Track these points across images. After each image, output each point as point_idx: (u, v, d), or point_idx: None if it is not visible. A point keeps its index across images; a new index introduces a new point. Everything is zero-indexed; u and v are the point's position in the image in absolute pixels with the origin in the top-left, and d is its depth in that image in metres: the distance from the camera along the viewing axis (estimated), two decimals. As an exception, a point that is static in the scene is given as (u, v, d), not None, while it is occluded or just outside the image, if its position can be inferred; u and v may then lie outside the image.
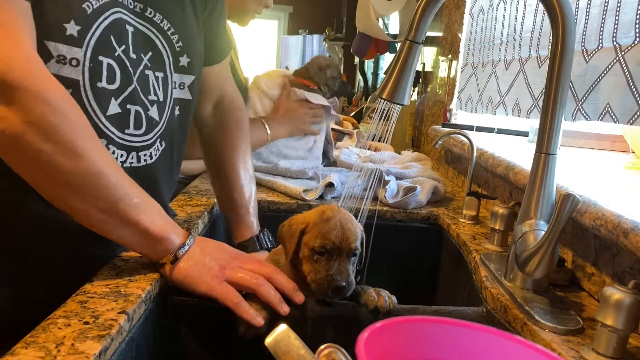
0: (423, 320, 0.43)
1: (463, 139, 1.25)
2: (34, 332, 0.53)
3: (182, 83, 0.82)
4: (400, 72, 0.76)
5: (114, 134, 0.72)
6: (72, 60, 0.65)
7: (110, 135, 0.71)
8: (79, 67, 0.66)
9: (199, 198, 1.11)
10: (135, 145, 0.75)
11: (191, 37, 0.82)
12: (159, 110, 0.77)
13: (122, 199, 0.62)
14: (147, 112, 0.75)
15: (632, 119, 0.73)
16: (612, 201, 0.71)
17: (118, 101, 0.71)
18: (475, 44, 1.53)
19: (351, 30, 4.68)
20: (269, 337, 0.41)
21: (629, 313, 0.54)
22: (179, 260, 0.68)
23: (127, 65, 0.71)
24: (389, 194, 1.18)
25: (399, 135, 2.06)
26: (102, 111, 0.70)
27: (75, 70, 0.65)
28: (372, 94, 2.55)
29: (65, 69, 0.64)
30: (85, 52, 0.66)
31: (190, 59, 0.82)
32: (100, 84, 0.68)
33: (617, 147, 1.38)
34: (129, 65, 0.71)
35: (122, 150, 0.73)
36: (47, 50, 0.63)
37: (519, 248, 0.72)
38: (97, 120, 0.69)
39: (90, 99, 0.68)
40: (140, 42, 0.73)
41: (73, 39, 0.64)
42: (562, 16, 0.69)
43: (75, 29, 0.64)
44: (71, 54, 0.64)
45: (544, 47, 1.05)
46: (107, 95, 0.69)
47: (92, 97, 0.68)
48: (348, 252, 0.72)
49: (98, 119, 0.69)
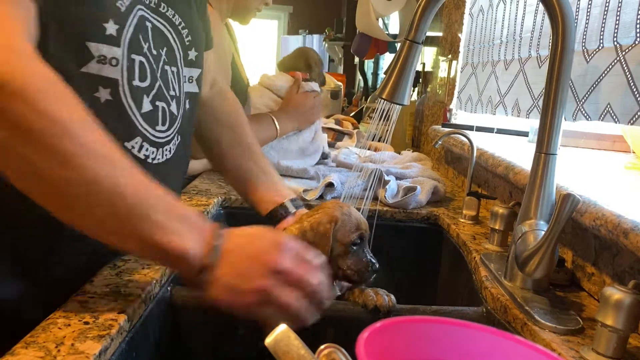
0: (423, 320, 0.43)
1: (463, 139, 1.25)
2: (34, 332, 0.53)
3: (190, 77, 0.82)
4: (400, 72, 0.76)
5: (148, 131, 0.72)
6: (112, 59, 0.64)
7: (145, 133, 0.71)
8: (118, 66, 0.65)
9: (199, 198, 1.11)
10: (161, 142, 0.75)
11: (197, 30, 0.83)
12: (177, 105, 0.78)
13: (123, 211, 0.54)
14: (170, 108, 0.76)
15: (633, 119, 0.73)
16: (612, 201, 0.71)
17: (149, 98, 0.71)
18: (475, 44, 1.53)
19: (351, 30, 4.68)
20: (269, 337, 0.41)
21: (629, 313, 0.54)
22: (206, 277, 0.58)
23: (152, 62, 0.71)
24: (389, 194, 1.18)
25: (399, 135, 2.06)
26: (138, 109, 0.69)
27: (115, 69, 0.65)
28: (372, 94, 2.55)
29: (105, 69, 0.64)
30: (123, 51, 0.66)
31: (198, 52, 0.83)
32: (135, 82, 0.68)
33: (617, 147, 1.38)
34: (153, 62, 0.71)
35: (153, 148, 0.73)
36: (88, 51, 0.62)
37: (519, 248, 0.72)
38: (134, 119, 0.69)
39: (128, 97, 0.67)
40: (158, 38, 0.73)
41: (112, 38, 0.64)
42: (562, 16, 0.69)
43: (114, 28, 0.64)
44: (111, 53, 0.64)
45: (544, 47, 1.05)
46: (141, 93, 0.69)
47: (129, 95, 0.67)
48: (369, 238, 0.79)
49: (135, 118, 0.69)
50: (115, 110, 0.66)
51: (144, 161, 0.72)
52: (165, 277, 0.73)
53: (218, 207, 1.11)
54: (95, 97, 0.64)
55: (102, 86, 0.64)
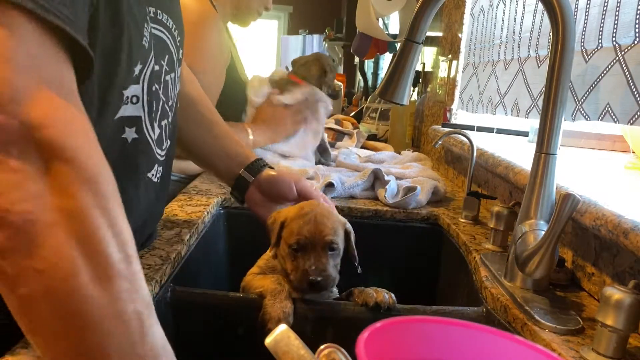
0: (423, 320, 0.43)
1: (463, 139, 1.25)
2: (34, 332, 0.53)
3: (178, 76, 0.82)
4: (400, 72, 0.76)
5: (159, 154, 0.72)
6: (134, 97, 0.63)
7: (159, 157, 0.71)
8: (139, 103, 0.64)
9: (199, 198, 1.11)
10: (164, 159, 0.75)
11: (183, 27, 0.82)
12: (173, 113, 0.77)
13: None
14: (169, 120, 0.75)
15: (632, 119, 0.73)
16: (612, 201, 0.71)
17: (157, 123, 0.70)
18: (476, 44, 1.53)
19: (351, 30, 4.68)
20: (268, 337, 0.41)
21: (629, 313, 0.54)
22: None
23: (160, 81, 0.70)
24: (389, 194, 1.18)
25: (399, 135, 2.06)
26: (153, 138, 0.69)
27: (137, 107, 0.64)
28: (372, 94, 2.55)
29: (129, 109, 0.62)
30: (143, 87, 0.64)
31: (183, 49, 0.82)
32: (153, 114, 0.67)
33: (617, 147, 1.38)
34: (158, 79, 0.69)
35: (160, 167, 0.73)
36: (122, 97, 0.61)
37: (519, 248, 0.72)
38: (154, 149, 0.68)
39: (149, 130, 0.66)
40: (159, 47, 0.71)
41: (136, 77, 0.63)
42: (562, 16, 0.69)
43: (139, 68, 0.63)
44: (132, 92, 0.62)
45: (543, 47, 1.05)
46: (154, 121, 0.69)
47: (150, 128, 0.66)
48: (323, 246, 0.73)
49: (154, 147, 0.69)
50: (140, 147, 0.65)
51: (157, 183, 0.73)
52: (165, 277, 0.73)
53: (218, 207, 1.11)
54: (123, 139, 0.62)
55: (127, 126, 0.63)
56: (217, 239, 1.09)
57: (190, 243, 0.89)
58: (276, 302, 0.70)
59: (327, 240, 0.73)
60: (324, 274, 0.72)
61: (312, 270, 0.71)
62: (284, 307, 0.70)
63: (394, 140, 2.06)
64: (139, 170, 0.66)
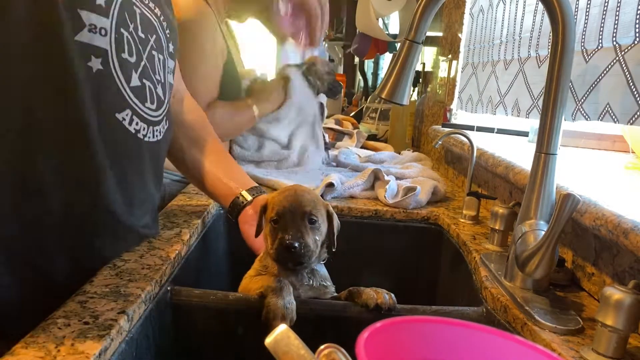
0: (423, 320, 0.43)
1: (463, 139, 1.25)
2: (34, 332, 0.53)
3: (171, 68, 0.85)
4: (400, 72, 0.76)
5: (137, 105, 0.73)
6: (101, 29, 0.66)
7: (134, 106, 0.73)
8: (107, 36, 0.67)
9: (199, 198, 1.11)
10: (151, 120, 0.77)
11: (173, 26, 0.86)
12: (163, 90, 0.80)
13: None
14: (156, 90, 0.78)
15: (632, 119, 0.73)
16: (612, 201, 0.71)
17: (137, 74, 0.73)
18: (476, 44, 1.53)
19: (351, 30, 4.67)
20: (268, 337, 0.41)
21: (629, 313, 0.54)
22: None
23: (137, 42, 0.73)
24: (389, 194, 1.18)
25: (399, 135, 2.06)
26: (127, 82, 0.71)
27: (104, 39, 0.67)
28: (372, 94, 2.55)
29: (96, 38, 0.66)
30: (111, 23, 0.67)
31: (174, 46, 0.86)
32: (124, 55, 0.70)
33: (617, 147, 1.38)
34: (138, 43, 0.73)
35: (143, 124, 0.75)
36: (80, 19, 0.64)
37: (519, 248, 0.72)
38: (123, 91, 0.70)
39: (117, 68, 0.69)
40: (146, 24, 0.75)
41: (101, 8, 0.66)
42: (562, 16, 0.69)
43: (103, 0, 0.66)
44: (100, 23, 0.66)
45: (543, 47, 1.05)
46: (130, 67, 0.71)
47: (118, 67, 0.69)
48: (302, 216, 0.75)
49: (124, 90, 0.71)
50: (105, 81, 0.67)
51: (134, 136, 0.73)
52: (165, 277, 0.73)
53: (218, 207, 1.11)
54: (88, 67, 0.65)
55: (94, 55, 0.65)
56: (217, 239, 1.09)
57: (190, 243, 0.89)
58: (279, 299, 0.70)
59: (306, 210, 0.75)
60: (302, 240, 0.73)
61: (290, 236, 0.73)
62: (287, 302, 0.70)
63: (394, 140, 2.06)
64: (103, 106, 0.67)
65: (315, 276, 0.80)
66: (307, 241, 0.74)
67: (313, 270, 0.80)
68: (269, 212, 0.78)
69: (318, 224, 0.77)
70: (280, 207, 0.75)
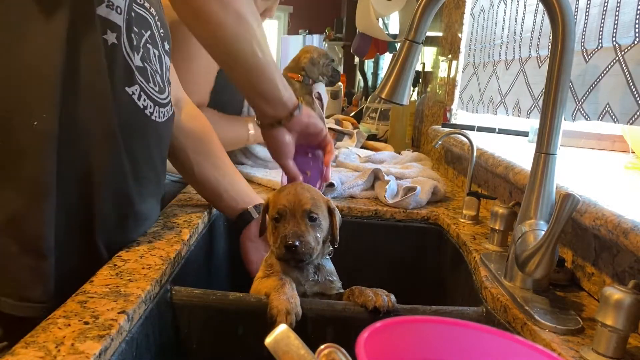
0: (423, 320, 0.43)
1: (463, 139, 1.25)
2: (34, 332, 0.53)
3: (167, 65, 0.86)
4: (400, 72, 0.76)
5: (143, 83, 0.76)
6: (117, 7, 0.70)
7: (141, 83, 0.75)
8: (121, 15, 0.71)
9: (199, 198, 1.11)
10: (159, 101, 0.80)
11: (166, 24, 0.87)
12: (161, 80, 0.82)
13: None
14: (156, 76, 0.80)
15: (632, 119, 0.73)
16: (612, 201, 0.71)
17: (139, 56, 0.75)
18: (477, 44, 1.53)
19: (351, 30, 4.68)
20: (268, 337, 0.41)
21: (629, 313, 0.54)
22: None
23: (141, 30, 0.76)
24: (389, 194, 1.18)
25: (399, 135, 2.06)
26: (134, 60, 0.74)
27: (119, 17, 0.70)
28: (372, 94, 2.55)
29: (112, 14, 0.69)
30: (125, 2, 0.72)
31: (169, 45, 0.87)
32: (132, 35, 0.73)
33: (617, 147, 1.38)
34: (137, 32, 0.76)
35: (150, 101, 0.77)
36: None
37: (519, 248, 0.72)
38: (132, 67, 0.73)
39: (126, 46, 0.72)
40: (141, 21, 0.77)
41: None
42: (562, 16, 0.69)
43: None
44: (117, 1, 0.70)
45: (543, 47, 1.05)
46: (134, 49, 0.74)
47: (128, 44, 0.72)
48: (302, 214, 0.76)
49: (133, 66, 0.73)
50: (118, 55, 0.71)
51: (142, 111, 0.76)
52: (165, 277, 0.73)
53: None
54: (104, 39, 0.69)
55: (110, 29, 0.69)
56: (217, 239, 1.09)
57: (190, 243, 0.89)
58: (281, 295, 0.70)
59: (306, 208, 0.76)
60: (302, 239, 0.74)
61: (290, 235, 0.74)
62: (290, 297, 0.70)
63: (394, 140, 2.06)
64: (116, 79, 0.71)
65: (321, 271, 0.81)
66: (308, 239, 0.75)
67: (319, 266, 0.81)
68: (270, 210, 0.79)
69: (319, 221, 0.77)
70: (280, 205, 0.76)
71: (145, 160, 0.79)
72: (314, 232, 0.76)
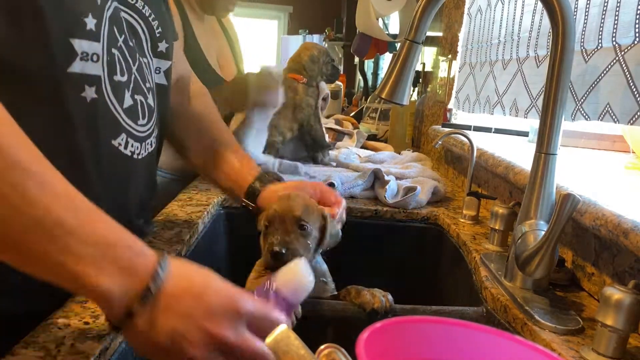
0: (423, 320, 0.43)
1: (463, 139, 1.25)
2: (34, 332, 0.53)
3: (158, 68, 0.81)
4: (400, 72, 0.76)
5: (131, 126, 0.71)
6: (94, 55, 0.63)
7: (129, 128, 0.71)
8: (99, 62, 0.64)
9: (199, 198, 1.11)
10: (143, 136, 0.75)
11: (166, 21, 0.82)
12: (153, 98, 0.77)
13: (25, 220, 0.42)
14: (147, 100, 0.75)
15: (632, 119, 0.73)
16: (612, 201, 0.71)
17: (129, 93, 0.70)
18: (474, 44, 1.53)
19: (351, 30, 4.68)
20: (269, 337, 0.41)
21: (629, 313, 0.54)
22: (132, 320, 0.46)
23: (127, 56, 0.70)
24: (389, 194, 1.18)
25: (399, 135, 2.05)
26: (120, 105, 0.69)
27: (97, 65, 0.63)
28: (372, 94, 2.55)
29: (88, 66, 0.62)
30: (103, 46, 0.64)
31: (168, 44, 0.82)
32: (117, 77, 0.67)
33: (617, 147, 1.38)
34: (128, 55, 0.70)
35: (137, 143, 0.73)
36: (72, 48, 0.60)
37: (519, 248, 0.72)
38: (117, 115, 0.68)
39: (109, 94, 0.66)
40: (129, 29, 0.72)
41: (92, 33, 0.62)
42: (562, 16, 0.69)
43: (93, 23, 0.62)
44: (92, 49, 0.62)
45: (541, 47, 1.05)
46: (122, 88, 0.68)
47: (111, 91, 0.66)
48: (292, 221, 0.73)
49: (118, 114, 0.68)
50: (100, 108, 0.65)
51: (130, 158, 0.72)
52: (165, 277, 0.73)
53: (218, 207, 1.11)
54: (82, 98, 0.62)
55: (87, 85, 0.63)
56: (217, 239, 1.09)
57: (190, 243, 0.89)
58: None
59: (296, 215, 0.73)
60: (290, 246, 0.71)
61: (277, 242, 0.71)
62: None
63: (394, 140, 2.06)
64: (99, 135, 0.65)
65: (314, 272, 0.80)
66: (296, 247, 0.72)
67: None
68: (262, 216, 0.77)
69: (309, 229, 0.74)
70: (271, 212, 0.74)
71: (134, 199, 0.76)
72: (304, 240, 0.73)
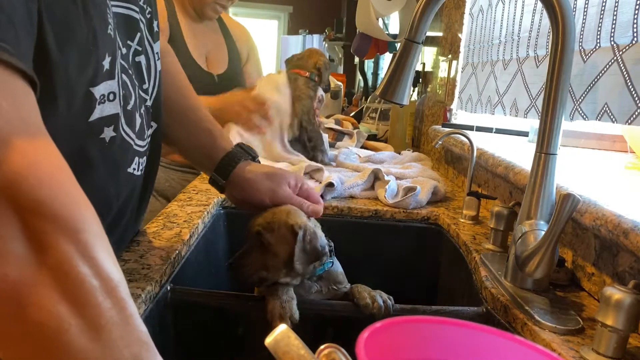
0: (423, 320, 0.43)
1: (463, 139, 1.25)
2: (34, 333, 0.53)
3: (157, 53, 0.77)
4: (400, 72, 0.76)
5: (140, 146, 0.69)
6: (110, 94, 0.59)
7: (140, 150, 0.69)
8: (116, 99, 0.60)
9: (199, 198, 1.11)
10: (144, 150, 0.73)
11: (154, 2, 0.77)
12: (150, 96, 0.74)
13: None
14: (146, 104, 0.73)
15: (631, 119, 0.73)
16: (612, 201, 0.71)
17: (138, 113, 0.68)
18: (475, 44, 1.53)
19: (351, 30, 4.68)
20: (268, 337, 0.41)
21: (629, 313, 0.54)
22: None
23: (127, 69, 0.65)
24: (389, 194, 1.18)
25: (399, 135, 2.06)
26: (133, 131, 0.66)
27: (113, 104, 0.59)
28: (372, 94, 2.55)
29: (107, 108, 0.58)
30: (118, 81, 0.60)
31: (157, 21, 0.77)
32: (129, 107, 0.64)
33: (617, 147, 1.38)
34: (127, 67, 0.66)
35: (142, 159, 0.71)
36: (92, 97, 0.56)
37: (519, 248, 0.72)
38: (132, 144, 0.66)
39: (124, 125, 0.63)
40: (128, 25, 0.66)
41: (108, 72, 0.58)
42: (562, 16, 0.69)
43: (108, 61, 0.57)
44: (108, 89, 0.58)
45: (541, 47, 1.05)
46: (133, 113, 0.65)
47: (125, 123, 0.63)
48: (251, 237, 0.74)
49: (133, 142, 0.66)
50: (118, 144, 0.62)
51: (139, 177, 0.71)
52: (165, 277, 0.73)
53: (218, 207, 1.11)
54: (101, 140, 0.59)
55: (106, 126, 0.59)
56: (217, 239, 1.09)
57: (190, 243, 0.89)
58: (275, 299, 0.70)
59: (253, 230, 0.73)
60: (242, 261, 0.72)
61: (234, 255, 0.73)
62: (284, 301, 0.70)
63: (394, 140, 2.06)
64: (118, 167, 0.64)
65: (325, 281, 0.78)
66: (248, 261, 0.71)
67: (321, 277, 0.78)
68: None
69: (270, 246, 0.72)
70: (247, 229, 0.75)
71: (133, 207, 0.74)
72: (262, 256, 0.72)
